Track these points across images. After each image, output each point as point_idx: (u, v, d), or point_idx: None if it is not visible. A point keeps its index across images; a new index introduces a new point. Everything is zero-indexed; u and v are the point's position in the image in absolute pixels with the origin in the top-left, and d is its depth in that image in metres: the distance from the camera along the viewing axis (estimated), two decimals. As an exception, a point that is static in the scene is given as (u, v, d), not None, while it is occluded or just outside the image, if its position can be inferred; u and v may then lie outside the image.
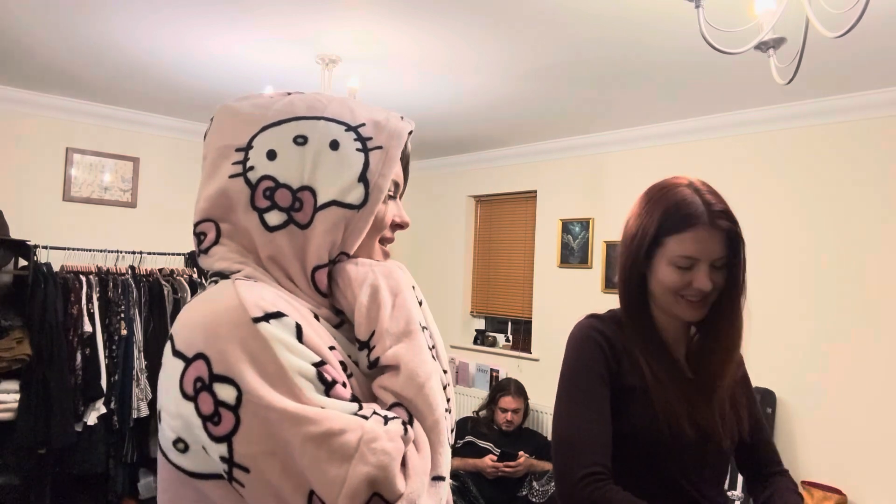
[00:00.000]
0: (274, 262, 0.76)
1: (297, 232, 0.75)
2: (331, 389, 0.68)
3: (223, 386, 0.65)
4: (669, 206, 1.18)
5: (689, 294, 1.17)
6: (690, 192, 1.18)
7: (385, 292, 0.76)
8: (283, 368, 0.66)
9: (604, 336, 1.22)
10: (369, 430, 0.65)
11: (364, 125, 0.79)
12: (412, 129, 0.85)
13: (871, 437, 3.07)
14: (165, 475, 0.73)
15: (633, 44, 2.67)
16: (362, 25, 2.67)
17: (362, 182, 0.77)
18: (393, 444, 0.66)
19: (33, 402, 3.28)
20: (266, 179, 0.75)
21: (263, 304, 0.69)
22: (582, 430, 1.15)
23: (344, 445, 0.64)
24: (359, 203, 0.77)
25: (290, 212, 0.75)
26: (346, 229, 0.77)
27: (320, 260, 0.76)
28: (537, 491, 3.63)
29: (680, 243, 1.16)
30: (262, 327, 0.67)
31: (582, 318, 1.28)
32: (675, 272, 1.17)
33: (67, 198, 4.08)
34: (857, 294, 3.14)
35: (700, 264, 1.16)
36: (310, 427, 0.64)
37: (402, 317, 0.76)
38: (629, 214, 1.26)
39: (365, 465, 0.63)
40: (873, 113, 3.13)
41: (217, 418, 0.65)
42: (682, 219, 1.16)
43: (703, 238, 1.15)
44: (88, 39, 2.93)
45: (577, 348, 1.23)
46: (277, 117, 0.78)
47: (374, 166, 0.78)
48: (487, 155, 5.02)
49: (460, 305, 5.23)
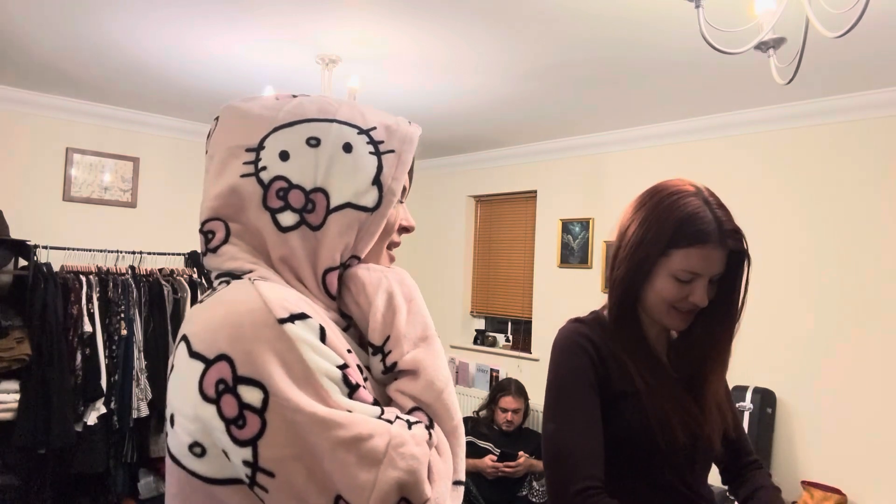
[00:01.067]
0: (285, 264, 0.75)
1: (309, 233, 0.75)
2: (355, 392, 0.67)
3: (249, 388, 0.63)
4: (682, 218, 1.14)
5: (682, 306, 1.17)
6: (701, 204, 1.15)
7: (400, 298, 0.77)
8: (311, 370, 0.65)
9: (590, 341, 1.19)
10: (397, 435, 0.65)
11: (375, 129, 0.80)
12: (419, 133, 0.86)
13: (871, 437, 3.07)
14: (176, 481, 0.71)
15: (633, 44, 2.67)
16: (362, 25, 2.67)
17: (376, 185, 0.77)
18: (420, 449, 0.66)
19: (33, 402, 3.27)
20: (279, 180, 0.75)
21: (288, 304, 0.68)
22: (573, 443, 1.13)
23: (373, 450, 0.63)
24: (373, 206, 0.77)
25: (303, 213, 0.74)
26: (359, 232, 0.77)
27: (332, 262, 0.76)
28: (537, 491, 3.62)
29: (686, 258, 1.13)
30: (288, 328, 0.66)
31: (565, 324, 1.25)
32: (674, 285, 1.15)
33: (67, 198, 4.08)
34: (857, 294, 3.14)
35: (700, 279, 1.15)
36: (339, 431, 0.63)
37: (419, 322, 0.77)
38: (627, 217, 1.23)
39: (395, 470, 0.63)
40: (873, 113, 3.13)
41: (242, 421, 0.63)
42: (694, 234, 1.13)
43: (709, 256, 1.13)
44: (89, 39, 2.93)
45: (563, 355, 1.20)
46: (288, 119, 0.77)
47: (387, 170, 0.78)
48: (487, 155, 5.02)
49: (460, 305, 5.23)
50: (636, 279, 1.18)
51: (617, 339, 1.20)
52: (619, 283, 1.20)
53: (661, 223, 1.15)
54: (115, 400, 3.56)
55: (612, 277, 1.23)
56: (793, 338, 3.34)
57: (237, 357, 0.64)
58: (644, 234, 1.17)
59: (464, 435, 0.75)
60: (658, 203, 1.18)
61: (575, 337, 1.20)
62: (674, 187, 1.19)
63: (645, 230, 1.17)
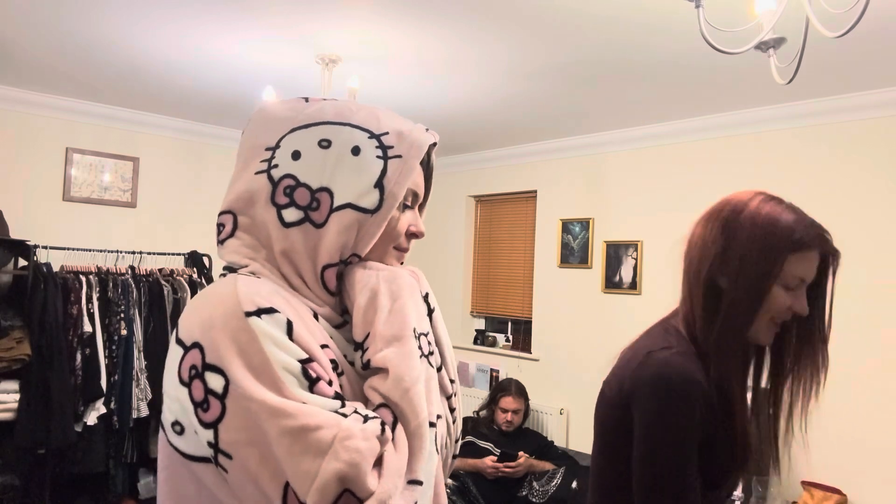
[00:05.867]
0: (286, 258, 0.79)
1: (312, 230, 0.78)
2: (314, 385, 0.70)
3: (213, 375, 0.68)
4: (792, 224, 1.08)
5: (782, 317, 1.11)
6: (791, 209, 1.11)
7: (384, 297, 0.78)
8: (269, 362, 0.68)
9: (702, 386, 1.05)
10: (345, 428, 0.67)
11: (387, 134, 0.82)
12: (436, 141, 0.87)
13: (871, 437, 3.07)
14: (164, 454, 0.76)
15: (633, 44, 2.67)
16: (362, 25, 2.67)
17: (378, 188, 0.79)
18: (367, 444, 0.67)
19: (33, 402, 3.27)
20: (288, 178, 0.78)
21: (258, 299, 0.71)
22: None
23: (318, 441, 0.66)
24: (373, 208, 0.79)
25: (308, 210, 0.78)
26: (359, 232, 0.79)
27: (331, 259, 0.78)
28: (537, 491, 3.62)
29: (801, 262, 1.08)
30: (252, 321, 0.69)
31: (672, 356, 1.08)
32: (785, 294, 1.09)
33: (67, 198, 4.08)
34: (857, 294, 3.14)
35: (803, 286, 1.10)
36: (287, 420, 0.66)
37: (397, 322, 0.78)
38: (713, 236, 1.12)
39: (337, 462, 0.65)
40: (873, 113, 3.13)
41: (206, 405, 0.68)
42: (803, 238, 1.07)
43: (814, 259, 1.09)
44: (89, 39, 2.93)
45: (680, 405, 1.04)
46: (307, 121, 0.82)
47: (391, 174, 0.80)
48: (487, 155, 5.02)
49: (460, 305, 5.23)
50: (760, 296, 1.08)
51: (727, 372, 1.08)
52: (740, 307, 1.08)
53: (776, 231, 1.08)
54: (115, 400, 3.56)
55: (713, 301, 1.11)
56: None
57: (206, 345, 0.69)
58: (762, 247, 1.08)
59: (430, 436, 0.74)
60: (759, 212, 1.11)
61: (690, 384, 1.05)
62: (758, 196, 1.14)
63: (762, 242, 1.08)
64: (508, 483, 3.67)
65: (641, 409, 1.06)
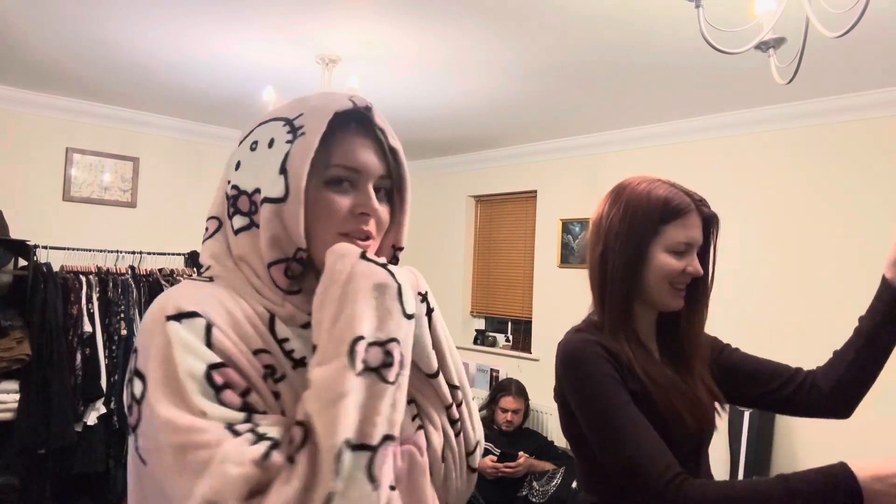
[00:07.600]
0: (243, 262, 0.79)
1: (255, 232, 0.78)
2: (220, 393, 0.67)
3: (137, 380, 0.69)
4: (664, 196, 1.21)
5: (679, 281, 1.21)
6: (669, 185, 1.24)
7: (331, 303, 0.71)
8: (175, 368, 0.67)
9: (601, 346, 1.17)
10: (224, 451, 0.63)
11: (301, 115, 0.78)
12: (356, 105, 0.78)
13: (871, 438, 3.06)
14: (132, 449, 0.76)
15: (633, 44, 2.67)
16: (362, 25, 2.67)
17: (282, 173, 0.76)
18: (239, 470, 0.62)
19: (33, 403, 3.27)
20: (233, 189, 0.81)
21: (183, 302, 0.71)
22: (641, 440, 1.10)
23: (196, 461, 0.63)
24: (282, 195, 0.75)
25: (251, 215, 0.78)
26: (283, 224, 0.76)
27: (271, 257, 0.77)
28: (537, 491, 3.63)
29: (681, 229, 1.19)
30: (168, 325, 0.69)
31: (571, 335, 1.22)
32: (673, 259, 1.20)
33: (67, 198, 4.08)
34: (858, 294, 3.13)
35: (692, 249, 1.21)
36: (173, 436, 0.64)
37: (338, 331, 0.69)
38: (605, 213, 1.26)
39: (205, 486, 0.62)
40: (873, 113, 3.13)
41: (131, 410, 0.69)
42: (679, 206, 1.20)
43: (696, 224, 1.21)
44: (89, 39, 2.93)
45: (589, 365, 1.16)
46: (247, 129, 0.84)
47: (293, 154, 0.76)
48: (487, 155, 5.02)
49: (460, 305, 5.23)
50: (636, 265, 1.20)
51: (616, 339, 1.20)
52: (617, 275, 1.21)
53: (647, 204, 1.21)
54: (115, 400, 3.56)
55: (603, 275, 1.23)
56: (793, 337, 3.33)
57: (139, 349, 0.70)
58: (632, 220, 1.21)
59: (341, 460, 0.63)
60: (634, 190, 1.24)
61: (589, 346, 1.17)
62: (640, 178, 1.27)
63: (632, 216, 1.21)
64: (508, 483, 3.67)
65: (567, 389, 1.18)
